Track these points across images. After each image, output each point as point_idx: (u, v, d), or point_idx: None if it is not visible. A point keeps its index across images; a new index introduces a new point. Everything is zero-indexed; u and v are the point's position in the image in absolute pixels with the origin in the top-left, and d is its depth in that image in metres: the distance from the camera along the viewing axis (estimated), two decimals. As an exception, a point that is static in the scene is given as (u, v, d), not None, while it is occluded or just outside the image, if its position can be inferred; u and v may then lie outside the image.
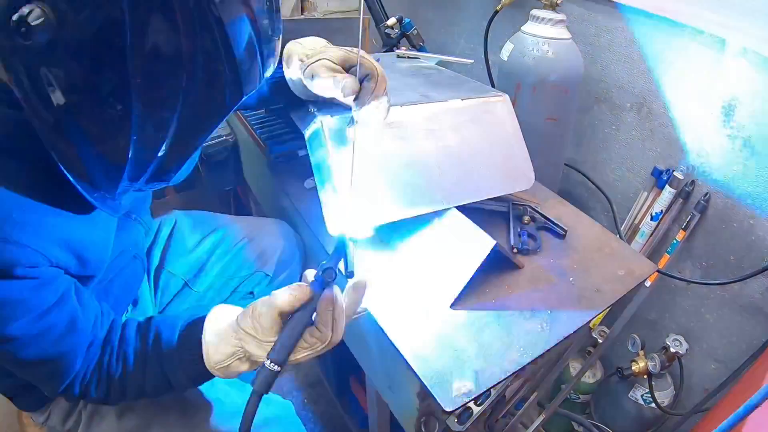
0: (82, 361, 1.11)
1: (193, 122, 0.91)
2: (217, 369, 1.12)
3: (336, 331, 1.06)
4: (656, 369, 2.11)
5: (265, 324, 1.05)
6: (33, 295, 0.98)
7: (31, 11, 0.74)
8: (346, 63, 1.20)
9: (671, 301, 2.26)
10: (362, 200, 1.29)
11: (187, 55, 0.82)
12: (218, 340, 1.12)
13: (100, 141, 0.88)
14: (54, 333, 1.04)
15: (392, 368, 1.33)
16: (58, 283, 1.03)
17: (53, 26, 0.76)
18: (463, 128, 1.47)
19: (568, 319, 1.31)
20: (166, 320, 1.20)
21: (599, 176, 2.42)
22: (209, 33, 0.83)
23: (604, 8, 2.15)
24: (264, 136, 1.93)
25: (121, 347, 1.17)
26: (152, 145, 0.90)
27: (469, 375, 1.15)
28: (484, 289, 1.37)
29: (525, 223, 1.59)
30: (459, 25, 3.02)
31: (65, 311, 1.05)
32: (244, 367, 1.12)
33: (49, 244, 0.98)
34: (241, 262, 1.79)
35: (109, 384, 1.15)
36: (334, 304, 1.04)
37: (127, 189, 0.97)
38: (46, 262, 0.98)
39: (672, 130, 2.05)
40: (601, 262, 1.49)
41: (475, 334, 1.25)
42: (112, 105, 0.83)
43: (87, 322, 1.11)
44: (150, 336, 1.17)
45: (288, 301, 1.05)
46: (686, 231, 2.03)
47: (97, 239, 1.12)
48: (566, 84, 1.97)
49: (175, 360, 1.15)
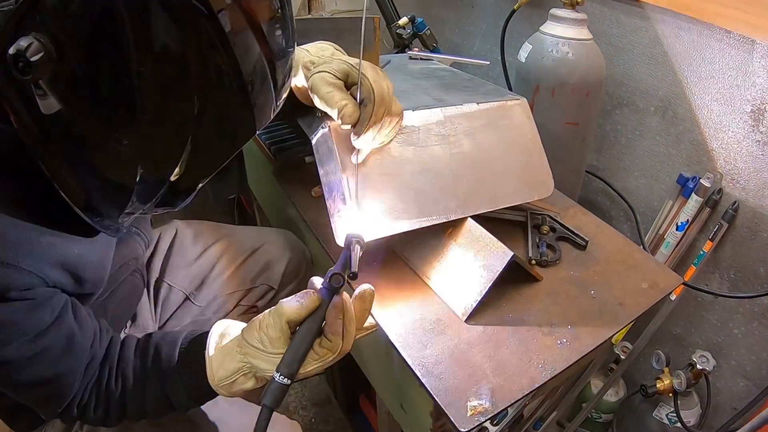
0: (79, 382, 1.11)
1: (203, 153, 0.92)
2: (220, 386, 1.12)
3: (347, 339, 1.06)
4: (682, 387, 2.10)
5: (272, 335, 1.05)
6: (28, 317, 0.97)
7: (30, 45, 0.73)
8: (347, 78, 1.19)
9: (698, 316, 2.25)
10: (372, 210, 1.29)
11: (196, 81, 0.82)
12: (222, 356, 1.11)
13: (105, 173, 0.89)
14: (51, 354, 1.04)
15: (404, 386, 1.33)
16: (54, 302, 1.03)
17: (53, 60, 0.74)
18: (479, 133, 1.46)
19: (589, 334, 1.30)
20: (166, 337, 1.20)
21: (622, 184, 2.41)
22: (219, 58, 0.82)
23: (626, 7, 2.15)
24: (269, 141, 1.93)
25: (119, 366, 1.17)
26: (160, 176, 0.90)
27: (485, 393, 1.15)
28: (500, 303, 1.37)
29: (544, 234, 1.59)
30: (474, 24, 3.02)
31: (62, 331, 1.05)
32: (249, 384, 1.12)
33: (45, 266, 0.97)
34: (244, 275, 1.78)
35: (107, 404, 1.15)
36: (344, 312, 1.04)
37: (132, 213, 0.98)
38: (41, 284, 0.97)
39: (698, 136, 2.05)
40: (624, 275, 1.48)
41: (491, 350, 1.25)
42: (118, 139, 0.83)
43: (85, 341, 1.11)
44: (150, 353, 1.17)
45: (295, 310, 1.04)
46: (713, 241, 2.03)
47: (96, 258, 1.11)
48: (587, 87, 1.96)
49: (176, 377, 1.15)
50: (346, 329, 1.05)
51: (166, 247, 1.75)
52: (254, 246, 1.82)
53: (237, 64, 0.83)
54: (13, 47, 0.73)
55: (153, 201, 0.95)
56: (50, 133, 0.82)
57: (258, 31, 0.87)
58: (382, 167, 1.31)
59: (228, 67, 0.83)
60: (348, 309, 1.05)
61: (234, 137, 0.95)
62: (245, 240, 1.83)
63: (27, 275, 0.94)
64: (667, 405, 2.26)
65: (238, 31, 0.83)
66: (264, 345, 1.06)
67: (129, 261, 1.41)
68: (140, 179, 0.87)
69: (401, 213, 1.32)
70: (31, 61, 0.73)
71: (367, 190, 1.27)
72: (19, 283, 0.93)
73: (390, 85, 1.15)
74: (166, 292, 1.71)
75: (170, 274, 1.73)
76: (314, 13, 2.98)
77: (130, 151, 0.84)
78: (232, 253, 1.79)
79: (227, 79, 0.85)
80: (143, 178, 0.88)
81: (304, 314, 1.05)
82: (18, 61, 0.73)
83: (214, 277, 1.75)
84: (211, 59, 0.82)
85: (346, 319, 1.05)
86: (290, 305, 1.05)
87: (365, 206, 1.26)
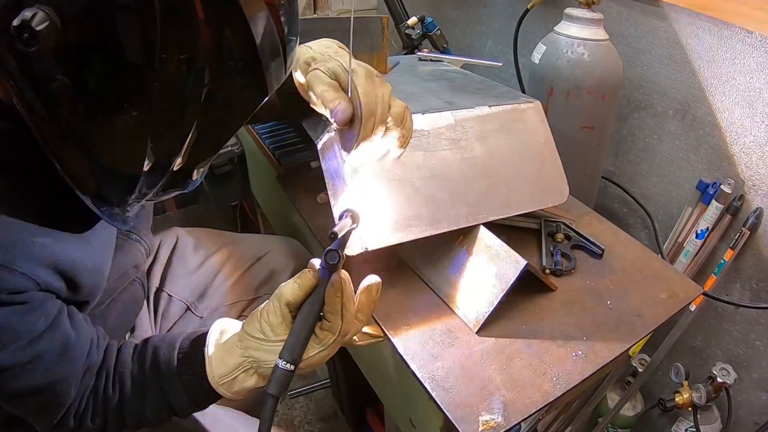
0: (76, 390, 1.10)
1: (215, 123, 0.92)
2: (221, 384, 1.12)
3: (346, 319, 1.06)
4: (702, 401, 2.10)
5: (273, 321, 1.06)
6: (21, 321, 0.97)
7: (35, 15, 0.73)
8: (341, 81, 1.16)
9: (718, 327, 2.24)
10: (379, 217, 1.29)
11: (206, 52, 0.82)
12: (222, 352, 1.12)
13: (113, 151, 0.88)
14: (46, 361, 1.03)
15: (413, 400, 1.33)
16: (48, 307, 1.02)
17: (58, 30, 0.74)
18: (491, 138, 1.47)
19: (605, 346, 1.30)
20: (165, 339, 1.20)
21: (639, 190, 2.41)
22: (230, 28, 0.82)
23: (644, 6, 2.15)
24: (273, 146, 1.94)
25: (116, 371, 1.16)
26: (170, 152, 0.90)
27: (497, 407, 1.15)
28: (513, 314, 1.37)
29: (558, 242, 1.59)
30: (486, 24, 3.02)
31: (57, 337, 1.04)
32: (251, 381, 1.12)
33: (38, 268, 0.96)
34: (247, 284, 1.78)
35: (105, 412, 1.15)
36: (343, 290, 1.04)
37: (140, 199, 0.98)
38: (34, 286, 0.97)
39: (719, 140, 2.04)
40: (642, 284, 1.48)
41: (503, 363, 1.25)
42: (127, 111, 0.83)
43: (81, 347, 1.10)
44: (148, 356, 1.17)
45: (292, 290, 1.05)
46: (735, 250, 2.02)
47: (92, 263, 1.10)
48: (603, 89, 1.96)
49: (176, 379, 1.15)
50: (344, 308, 1.06)
51: (167, 256, 1.76)
52: (257, 254, 1.82)
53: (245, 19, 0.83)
54: (18, 18, 0.73)
55: (164, 179, 0.94)
56: (56, 110, 0.82)
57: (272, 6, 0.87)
58: (390, 173, 1.32)
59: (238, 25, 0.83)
60: (346, 287, 1.05)
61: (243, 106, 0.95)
62: (248, 248, 1.83)
63: (19, 277, 0.93)
64: (687, 420, 2.26)
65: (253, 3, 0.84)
66: (265, 334, 1.07)
67: (129, 269, 1.40)
68: (150, 154, 0.87)
69: (410, 220, 1.33)
70: (37, 31, 0.73)
71: (375, 196, 1.27)
72: (10, 285, 0.93)
73: (386, 93, 1.13)
74: (166, 302, 1.71)
75: (170, 284, 1.73)
76: (320, 12, 2.98)
77: (139, 125, 0.84)
78: (234, 261, 1.79)
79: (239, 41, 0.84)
80: (153, 154, 0.88)
81: (302, 294, 1.06)
82: (23, 32, 0.73)
83: (216, 287, 1.75)
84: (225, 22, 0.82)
85: (345, 297, 1.05)
86: (287, 286, 1.06)
87: (372, 213, 1.26)
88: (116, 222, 1.00)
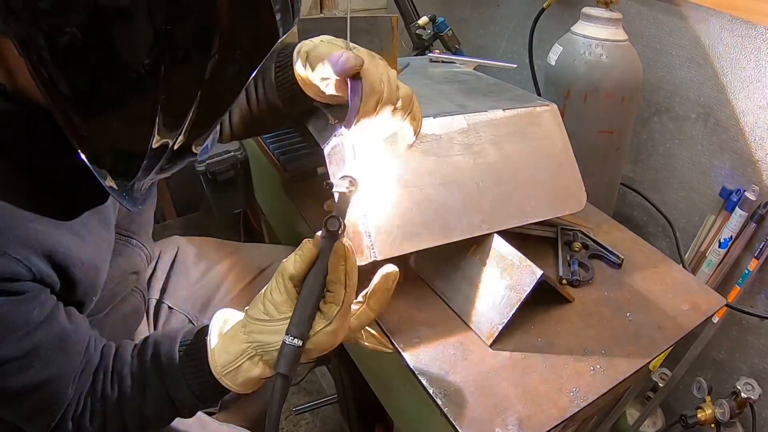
0: (73, 388, 1.10)
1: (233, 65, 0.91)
2: (225, 375, 1.10)
3: (350, 288, 1.05)
4: (725, 417, 2.09)
5: (277, 298, 1.06)
6: (16, 310, 0.97)
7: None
8: None
9: (742, 340, 2.24)
10: (390, 225, 1.29)
11: None
12: (225, 340, 1.11)
13: (125, 105, 0.88)
14: (42, 354, 1.03)
15: (424, 416, 1.33)
16: (43, 299, 1.02)
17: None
18: (505, 142, 1.47)
19: (624, 360, 1.30)
20: (166, 333, 1.20)
21: (660, 197, 2.41)
22: None
23: (665, 6, 2.15)
24: (278, 151, 1.94)
25: (115, 368, 1.16)
26: (182, 107, 0.90)
27: (512, 424, 1.15)
28: (528, 326, 1.37)
29: (575, 251, 1.59)
30: (500, 24, 3.03)
31: (54, 330, 1.04)
32: (256, 370, 1.10)
33: (31, 254, 0.96)
34: (252, 296, 1.76)
35: (104, 412, 1.13)
36: (346, 259, 1.04)
37: (151, 167, 0.97)
38: (27, 274, 0.96)
39: (743, 145, 2.04)
40: (662, 296, 1.48)
41: (518, 377, 1.25)
42: (139, 62, 0.83)
43: (79, 343, 1.10)
44: (148, 351, 1.17)
45: (293, 261, 1.06)
46: (759, 259, 2.01)
47: (88, 258, 1.10)
48: (622, 92, 1.96)
49: (177, 372, 1.14)
50: (348, 276, 1.05)
51: (167, 267, 1.75)
52: (262, 265, 1.82)
53: None
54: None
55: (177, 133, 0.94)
56: (69, 73, 0.82)
57: None
58: (400, 179, 1.32)
59: None
60: (350, 256, 1.05)
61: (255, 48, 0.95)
62: (252, 258, 1.83)
63: (13, 262, 0.93)
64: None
65: None
66: (270, 314, 1.06)
67: (129, 275, 1.40)
68: (162, 110, 0.87)
69: (421, 228, 1.33)
70: None
71: (385, 203, 1.27)
72: (4, 270, 0.93)
73: (392, 75, 1.15)
74: (166, 315, 1.71)
75: (171, 296, 1.73)
76: (326, 11, 2.99)
77: (151, 76, 0.84)
78: (238, 272, 1.79)
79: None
80: (164, 110, 0.87)
81: (305, 266, 1.06)
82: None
83: (220, 299, 1.75)
84: None
85: (348, 266, 1.05)
86: (288, 260, 1.06)
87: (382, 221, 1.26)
88: (126, 201, 1.00)
